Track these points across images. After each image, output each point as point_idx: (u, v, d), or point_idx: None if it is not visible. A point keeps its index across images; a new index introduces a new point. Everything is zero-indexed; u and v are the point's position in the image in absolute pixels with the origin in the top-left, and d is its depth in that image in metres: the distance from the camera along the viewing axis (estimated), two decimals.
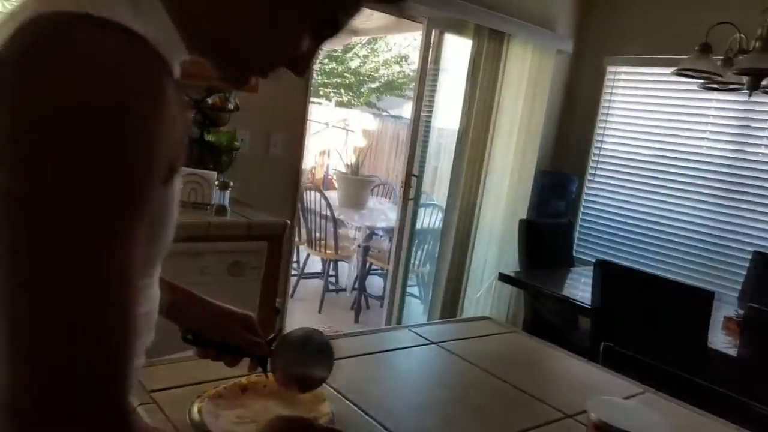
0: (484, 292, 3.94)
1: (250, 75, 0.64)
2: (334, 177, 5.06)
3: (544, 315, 2.92)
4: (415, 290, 4.63)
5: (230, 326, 0.90)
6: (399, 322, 3.81)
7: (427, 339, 1.39)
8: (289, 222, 2.43)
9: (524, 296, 3.17)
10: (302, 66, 0.65)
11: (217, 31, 0.59)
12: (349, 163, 4.93)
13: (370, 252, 4.46)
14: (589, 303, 2.37)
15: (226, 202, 2.36)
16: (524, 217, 3.87)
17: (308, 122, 3.16)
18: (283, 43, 0.61)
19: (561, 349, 1.46)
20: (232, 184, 2.40)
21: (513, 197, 3.91)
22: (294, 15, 0.60)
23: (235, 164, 2.76)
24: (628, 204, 3.92)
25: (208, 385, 0.97)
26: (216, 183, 2.37)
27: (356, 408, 1.01)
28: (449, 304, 3.89)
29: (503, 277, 2.85)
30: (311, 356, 0.93)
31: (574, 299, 2.57)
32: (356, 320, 4.27)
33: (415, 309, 4.39)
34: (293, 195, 3.18)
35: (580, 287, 2.87)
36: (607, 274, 2.18)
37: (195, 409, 0.91)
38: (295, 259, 4.80)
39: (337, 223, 4.34)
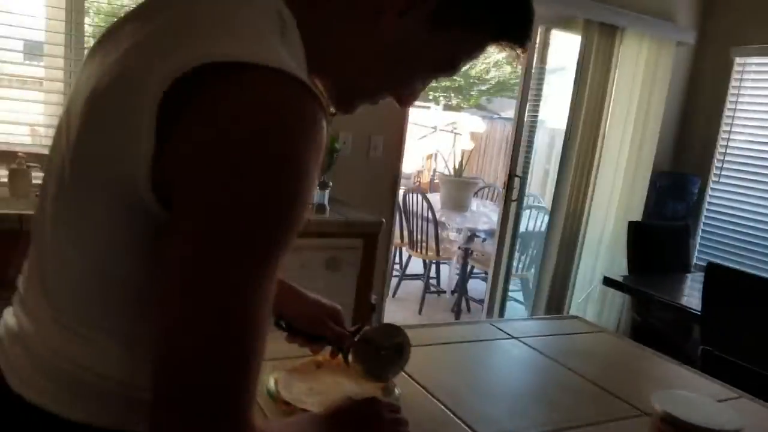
0: (592, 299, 3.77)
1: (359, 103, 0.68)
2: (438, 179, 5.07)
3: (653, 323, 2.75)
4: (518, 295, 4.53)
5: (319, 318, 0.96)
6: None
7: (507, 333, 1.37)
8: (384, 221, 2.49)
9: (631, 302, 3.00)
10: (409, 101, 0.70)
11: (344, 65, 0.64)
12: (455, 166, 4.93)
13: (471, 255, 4.43)
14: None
15: (326, 201, 2.47)
16: (639, 220, 3.67)
17: (408, 126, 3.21)
18: (399, 83, 0.67)
19: (652, 350, 1.39)
20: (331, 183, 2.50)
21: (626, 200, 3.71)
22: (419, 64, 0.65)
23: (337, 165, 2.87)
24: (759, 207, 3.58)
25: (288, 362, 1.03)
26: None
27: (424, 391, 1.04)
28: (553, 311, 3.76)
29: (608, 282, 2.73)
30: (388, 351, 0.99)
31: (684, 306, 2.40)
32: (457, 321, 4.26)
33: (518, 314, 4.30)
34: (392, 197, 3.24)
35: (695, 294, 2.67)
36: (716, 277, 2.02)
37: (272, 379, 0.98)
38: (397, 260, 4.89)
39: (438, 225, 4.35)
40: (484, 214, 4.70)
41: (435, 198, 4.82)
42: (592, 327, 1.51)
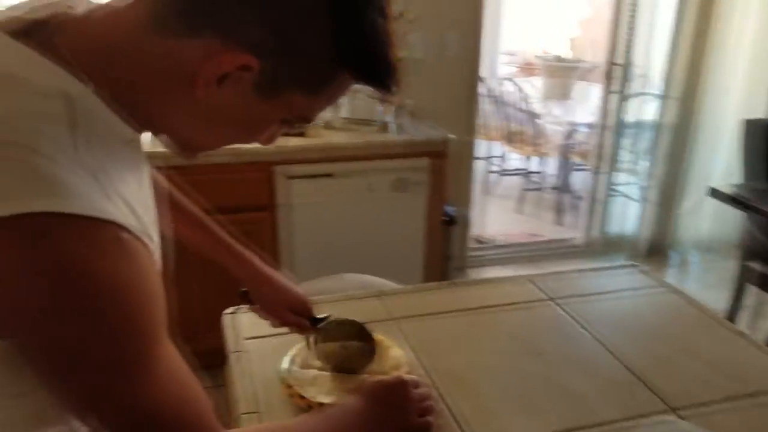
0: (695, 208, 3.39)
1: (203, 153, 0.64)
2: (538, 64, 4.63)
3: None
4: (632, 190, 4.19)
5: (280, 306, 0.97)
6: (603, 225, 3.52)
7: (545, 294, 1.26)
8: (452, 136, 2.34)
9: (744, 218, 2.64)
10: (268, 143, 0.64)
11: (172, 126, 0.59)
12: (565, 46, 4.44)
13: (573, 147, 4.12)
14: None
15: (390, 119, 2.35)
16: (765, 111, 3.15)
17: (484, 13, 2.89)
18: (244, 138, 0.62)
19: (720, 318, 1.21)
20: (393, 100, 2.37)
21: (750, 84, 3.16)
22: (259, 123, 0.60)
23: (407, 72, 2.69)
24: None
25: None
26: (378, 99, 2.35)
27: (424, 372, 0.99)
28: (662, 212, 3.46)
29: (715, 194, 2.40)
30: (351, 346, 0.97)
31: None
32: (558, 221, 4.07)
33: (628, 211, 3.99)
34: (472, 98, 3.02)
35: None
36: None
37: (287, 360, 0.97)
38: (498, 153, 4.67)
39: (536, 117, 4.05)
40: (589, 101, 4.28)
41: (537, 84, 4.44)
42: (652, 281, 1.33)
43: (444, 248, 2.82)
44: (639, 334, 1.15)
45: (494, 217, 4.11)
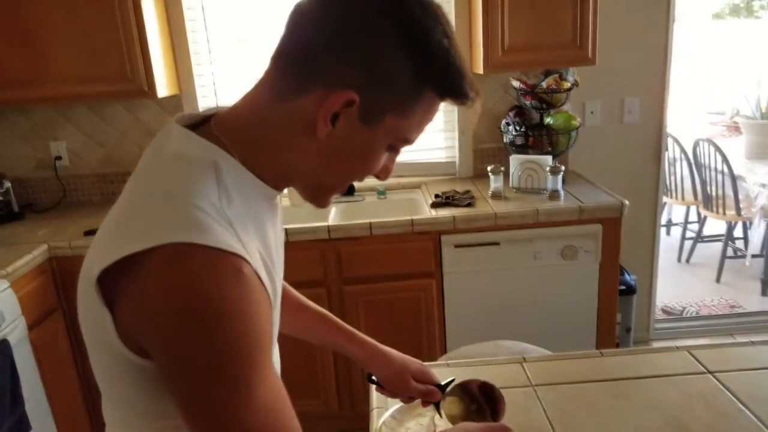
0: None
1: (333, 196, 0.77)
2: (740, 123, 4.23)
3: None
4: None
5: (404, 377, 1.04)
6: None
7: (703, 366, 1.20)
8: (626, 203, 2.29)
9: None
10: (384, 175, 0.75)
11: (303, 174, 0.71)
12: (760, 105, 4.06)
13: None
14: None
15: (559, 187, 2.39)
16: None
17: (670, 77, 2.81)
18: (362, 171, 0.73)
19: None
20: (563, 168, 2.40)
21: None
22: (371, 152, 0.69)
23: (586, 139, 2.72)
24: None
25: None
26: (547, 168, 2.41)
27: None
28: None
29: None
30: (478, 406, 1.01)
31: None
32: (764, 293, 3.61)
33: None
34: (656, 161, 2.91)
35: None
36: None
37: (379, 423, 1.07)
38: (694, 219, 4.32)
39: (738, 179, 3.70)
40: None
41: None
42: None
43: (624, 319, 2.69)
44: None
45: (688, 287, 3.78)
